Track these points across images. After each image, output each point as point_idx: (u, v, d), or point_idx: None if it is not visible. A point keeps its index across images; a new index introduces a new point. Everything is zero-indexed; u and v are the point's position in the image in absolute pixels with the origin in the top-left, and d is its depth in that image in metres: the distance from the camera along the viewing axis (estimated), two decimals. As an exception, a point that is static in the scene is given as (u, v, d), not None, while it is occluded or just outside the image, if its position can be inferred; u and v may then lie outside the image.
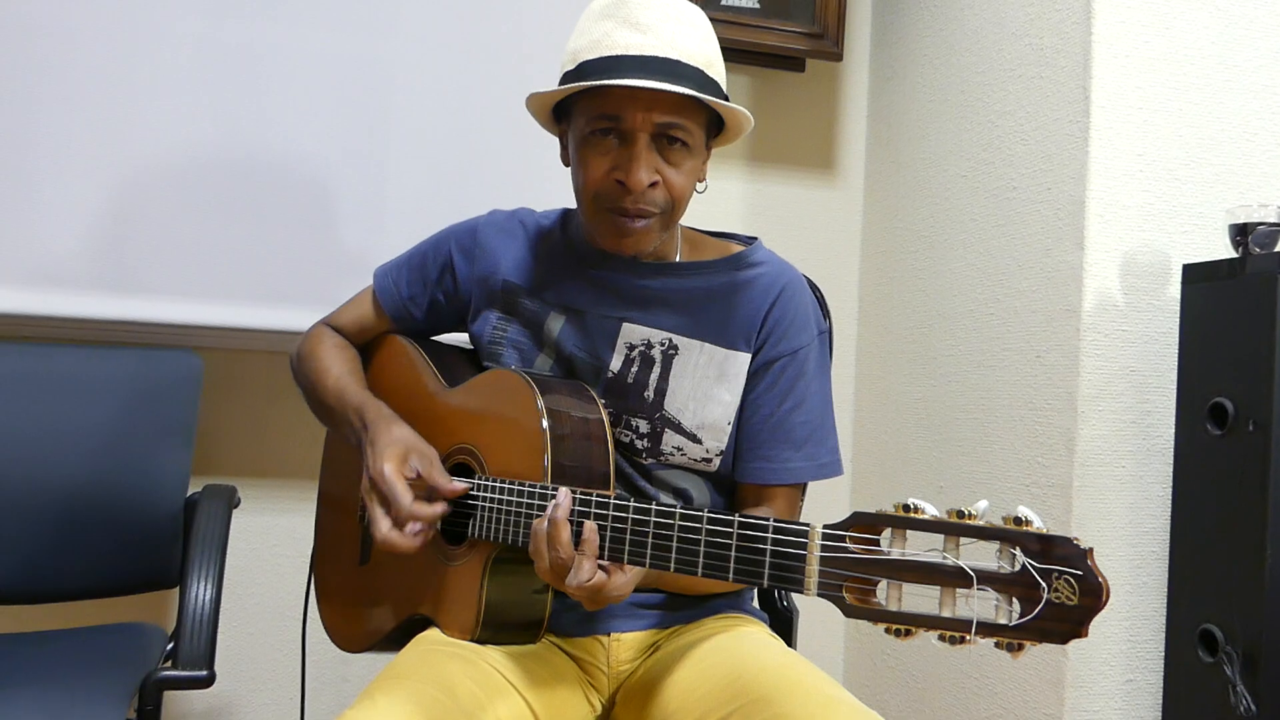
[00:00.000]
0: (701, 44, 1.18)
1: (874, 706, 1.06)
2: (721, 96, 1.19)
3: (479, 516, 1.16)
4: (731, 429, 1.26)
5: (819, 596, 0.88)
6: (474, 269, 1.34)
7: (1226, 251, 1.66)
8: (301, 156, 1.86)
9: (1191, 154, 1.76)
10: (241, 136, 1.83)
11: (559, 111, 1.25)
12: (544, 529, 1.04)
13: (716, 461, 1.26)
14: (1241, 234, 1.62)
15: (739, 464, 1.27)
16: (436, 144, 1.92)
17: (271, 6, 1.84)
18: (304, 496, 1.51)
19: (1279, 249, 1.61)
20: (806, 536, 0.90)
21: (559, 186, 1.26)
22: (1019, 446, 1.85)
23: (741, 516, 0.96)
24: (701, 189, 1.25)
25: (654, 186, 1.17)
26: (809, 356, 1.28)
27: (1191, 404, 1.66)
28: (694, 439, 1.25)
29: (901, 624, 0.83)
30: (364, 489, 1.19)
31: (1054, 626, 0.79)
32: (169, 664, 1.46)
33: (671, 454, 1.25)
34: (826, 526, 0.89)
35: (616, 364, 1.26)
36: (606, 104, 1.15)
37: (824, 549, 0.89)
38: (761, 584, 0.94)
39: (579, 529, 1.04)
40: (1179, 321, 1.70)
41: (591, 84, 1.14)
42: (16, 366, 1.67)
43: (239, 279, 1.83)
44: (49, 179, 1.75)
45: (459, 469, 1.23)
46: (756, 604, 1.42)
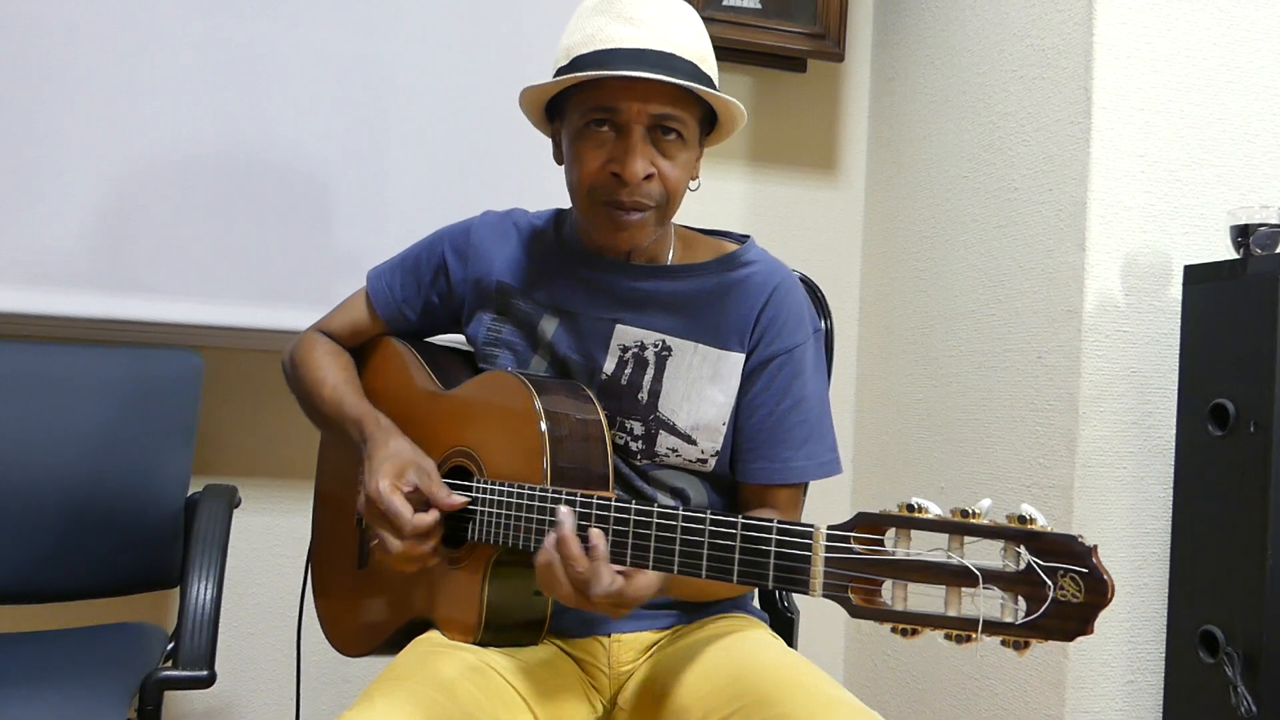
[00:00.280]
0: (694, 38, 1.18)
1: (874, 707, 1.06)
2: (715, 91, 1.19)
3: (478, 520, 1.16)
4: (727, 429, 1.25)
5: (825, 597, 0.88)
6: (467, 270, 1.34)
7: (1228, 253, 1.66)
8: (301, 156, 1.85)
9: (1193, 155, 1.76)
10: (241, 136, 1.83)
11: (552, 110, 1.25)
12: (551, 556, 1.02)
13: (712, 462, 1.26)
14: (1243, 235, 1.62)
15: (740, 465, 1.27)
16: (436, 144, 1.92)
17: (271, 6, 1.84)
18: (305, 496, 1.50)
19: (1280, 250, 1.61)
20: (811, 538, 0.89)
21: (559, 186, 1.25)
22: (1020, 447, 1.85)
23: (745, 518, 0.95)
24: (695, 186, 1.25)
25: (649, 179, 1.17)
26: (805, 355, 1.27)
27: (1192, 405, 1.66)
28: (689, 440, 1.25)
29: (908, 624, 0.83)
30: (361, 505, 1.18)
31: (1060, 624, 0.79)
32: (169, 664, 1.46)
33: (666, 455, 1.25)
34: (831, 527, 0.89)
35: (610, 366, 1.26)
36: (601, 96, 1.15)
37: (829, 550, 0.88)
38: (766, 585, 0.93)
39: (584, 538, 1.02)
40: (1180, 323, 1.70)
41: (586, 75, 1.14)
42: (16, 366, 1.67)
43: (239, 278, 1.83)
44: (49, 178, 1.75)
45: (457, 471, 1.23)
46: (757, 604, 1.42)
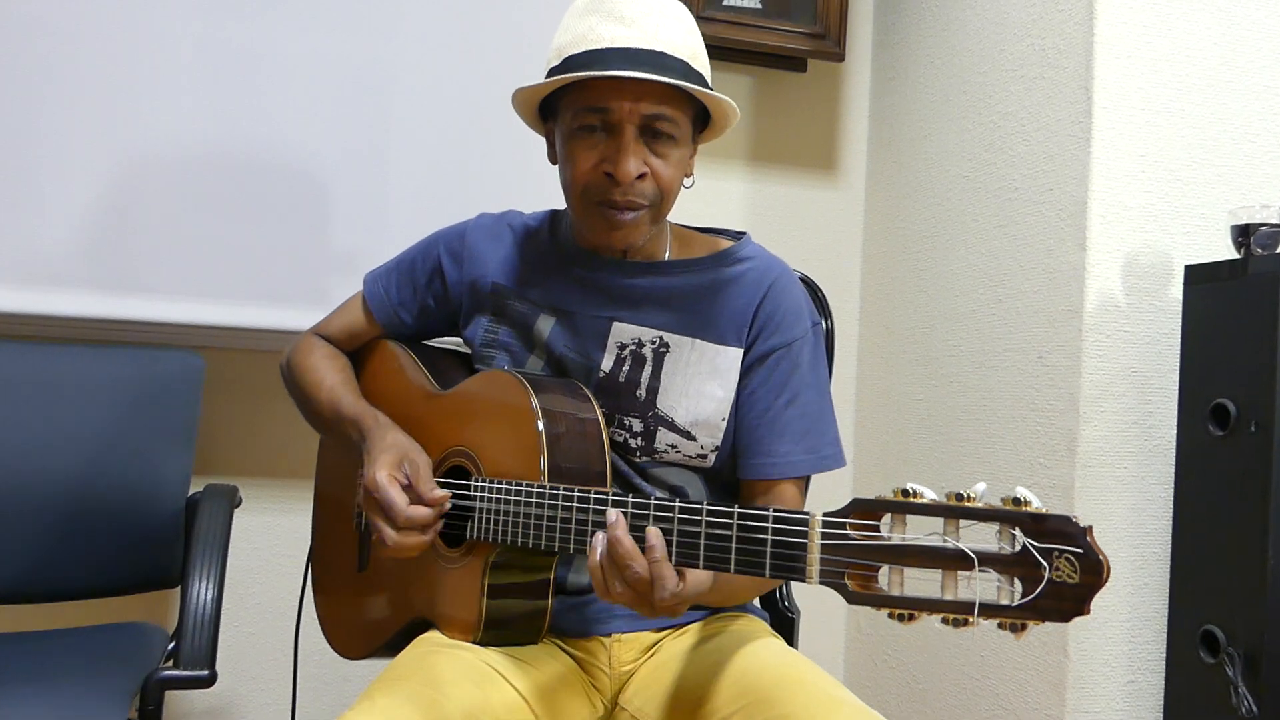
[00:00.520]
0: (685, 36, 1.18)
1: (875, 706, 1.06)
2: (706, 89, 1.19)
3: (477, 518, 1.16)
4: (726, 425, 1.25)
5: (821, 584, 0.88)
6: (463, 273, 1.34)
7: (1229, 252, 1.66)
8: (301, 156, 1.85)
9: (1194, 155, 1.76)
10: (241, 136, 1.83)
11: (545, 110, 1.25)
12: (602, 559, 0.98)
13: (712, 458, 1.26)
14: (1244, 235, 1.62)
15: (741, 461, 1.27)
16: (436, 144, 1.92)
17: (271, 6, 1.84)
18: (305, 496, 1.50)
19: (1281, 250, 1.61)
20: (807, 525, 0.90)
21: (558, 186, 1.26)
22: (1020, 447, 1.85)
23: (741, 508, 0.95)
24: (689, 184, 1.25)
25: (642, 178, 1.17)
26: (803, 349, 1.27)
27: (1193, 405, 1.66)
28: (688, 436, 1.25)
29: (904, 608, 0.83)
30: (360, 498, 1.18)
31: (1056, 605, 0.79)
32: (170, 663, 1.46)
33: (666, 451, 1.25)
34: (827, 514, 0.89)
35: (608, 364, 1.26)
36: (592, 96, 1.15)
37: (825, 536, 0.89)
38: (763, 574, 0.93)
39: (640, 538, 0.98)
40: (1181, 322, 1.70)
41: (577, 76, 1.14)
42: (16, 366, 1.67)
43: (240, 278, 1.83)
44: (49, 178, 1.75)
45: (455, 471, 1.23)
46: (758, 602, 1.42)
